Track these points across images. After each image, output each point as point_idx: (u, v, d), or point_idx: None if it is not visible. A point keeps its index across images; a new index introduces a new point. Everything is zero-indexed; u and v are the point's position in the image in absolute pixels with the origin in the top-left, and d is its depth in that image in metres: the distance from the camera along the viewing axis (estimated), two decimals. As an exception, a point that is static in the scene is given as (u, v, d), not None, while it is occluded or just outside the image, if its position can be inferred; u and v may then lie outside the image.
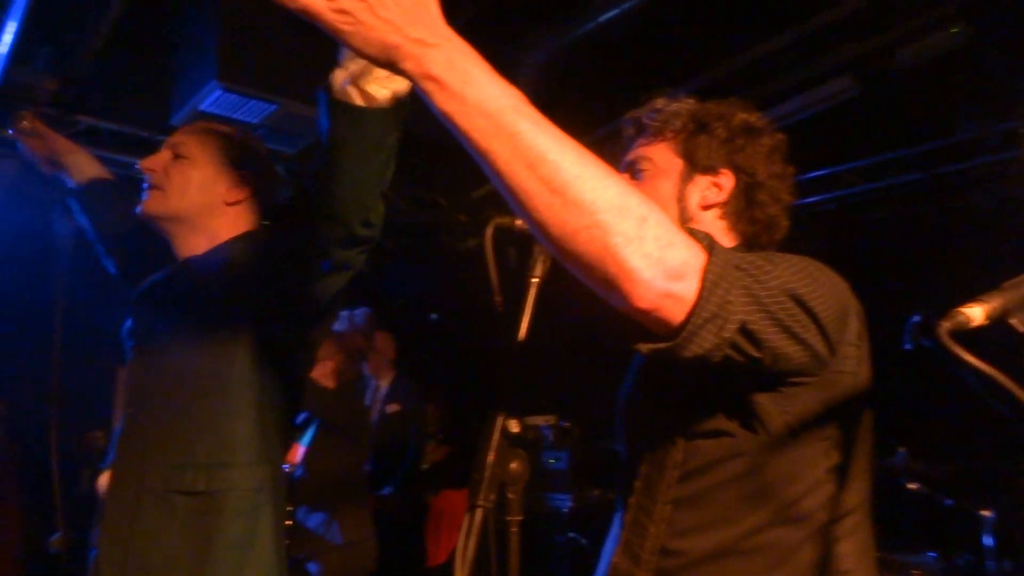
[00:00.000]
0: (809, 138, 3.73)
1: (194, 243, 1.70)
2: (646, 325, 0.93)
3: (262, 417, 1.57)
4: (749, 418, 1.10)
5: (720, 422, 1.13)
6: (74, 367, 2.08)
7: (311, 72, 1.68)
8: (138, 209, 1.70)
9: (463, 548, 1.05)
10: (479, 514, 1.06)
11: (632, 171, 1.37)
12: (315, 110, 1.34)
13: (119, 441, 1.61)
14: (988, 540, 2.42)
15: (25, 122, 2.09)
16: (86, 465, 3.48)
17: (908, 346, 0.90)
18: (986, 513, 2.40)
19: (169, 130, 2.00)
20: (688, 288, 0.91)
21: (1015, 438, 1.03)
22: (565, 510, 4.17)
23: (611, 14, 3.23)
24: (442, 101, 0.88)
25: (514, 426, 1.14)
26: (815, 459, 1.12)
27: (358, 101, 1.28)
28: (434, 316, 5.65)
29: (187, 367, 1.58)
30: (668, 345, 0.93)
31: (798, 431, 1.09)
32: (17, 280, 3.69)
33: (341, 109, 1.28)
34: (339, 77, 1.28)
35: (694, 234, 0.95)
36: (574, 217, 0.87)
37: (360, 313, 3.86)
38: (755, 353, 0.95)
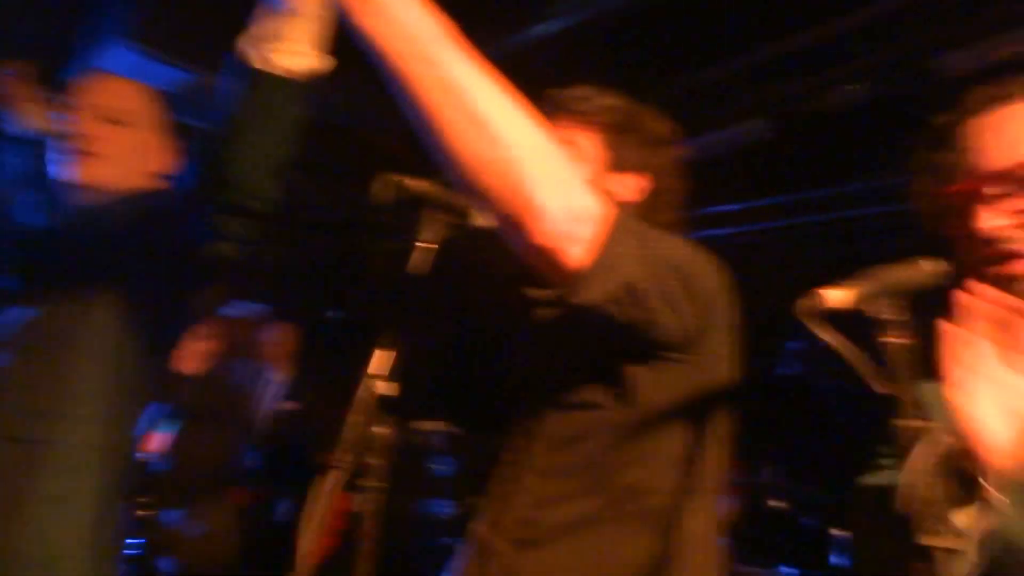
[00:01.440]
0: (726, 172, 3.88)
1: None
2: (538, 269, 0.94)
3: (112, 374, 1.49)
4: (621, 390, 1.12)
5: (593, 393, 1.14)
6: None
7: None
8: (63, 174, 1.61)
9: (310, 513, 1.01)
10: (332, 476, 1.03)
11: None
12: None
13: None
14: (836, 559, 2.55)
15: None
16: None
17: (785, 370, 0.94)
18: (838, 533, 2.53)
19: (61, 86, 1.90)
20: (588, 232, 0.93)
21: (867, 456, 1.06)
22: (445, 517, 4.12)
23: (550, 27, 3.28)
24: (364, 16, 0.88)
25: (384, 388, 1.11)
26: (673, 436, 1.15)
27: (260, 66, 1.28)
28: (335, 313, 5.53)
29: (48, 312, 1.49)
30: (560, 290, 0.95)
31: (666, 408, 1.12)
32: None
33: (243, 70, 1.29)
34: (247, 41, 1.29)
35: (604, 192, 0.98)
36: (488, 150, 0.88)
37: (251, 307, 3.74)
38: (636, 314, 0.98)
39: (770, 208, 4.04)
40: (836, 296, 0.86)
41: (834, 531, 2.57)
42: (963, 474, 0.75)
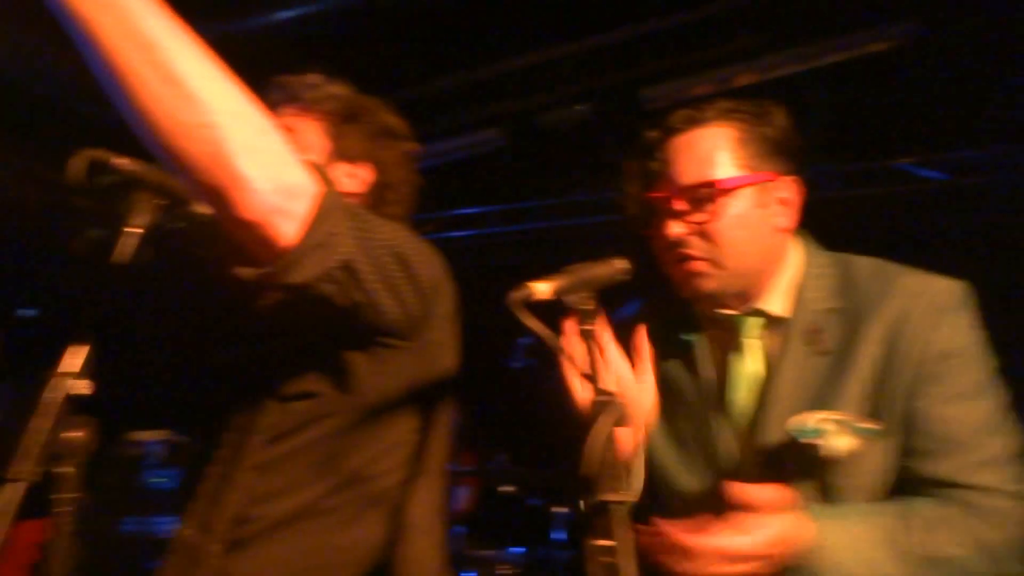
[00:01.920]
0: (460, 178, 4.04)
1: None
2: (249, 248, 0.90)
3: None
4: (342, 379, 1.11)
5: (312, 383, 1.12)
6: None
7: None
8: None
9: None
10: (13, 489, 0.90)
11: None
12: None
13: None
14: (559, 535, 2.81)
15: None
16: None
17: (518, 364, 1.00)
18: (560, 510, 2.78)
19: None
20: (299, 208, 0.90)
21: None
22: (164, 536, 3.78)
23: (285, 15, 3.17)
24: None
25: (76, 387, 0.99)
26: (396, 423, 1.17)
27: None
28: (28, 311, 4.82)
29: None
30: (271, 268, 0.91)
31: (388, 395, 1.13)
32: None
33: None
34: None
35: (319, 172, 0.96)
36: (187, 113, 0.82)
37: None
38: (355, 295, 0.98)
39: (502, 213, 4.31)
40: (542, 288, 0.94)
41: (555, 508, 2.82)
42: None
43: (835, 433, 1.14)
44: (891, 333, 1.15)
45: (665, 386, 1.34)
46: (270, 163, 0.87)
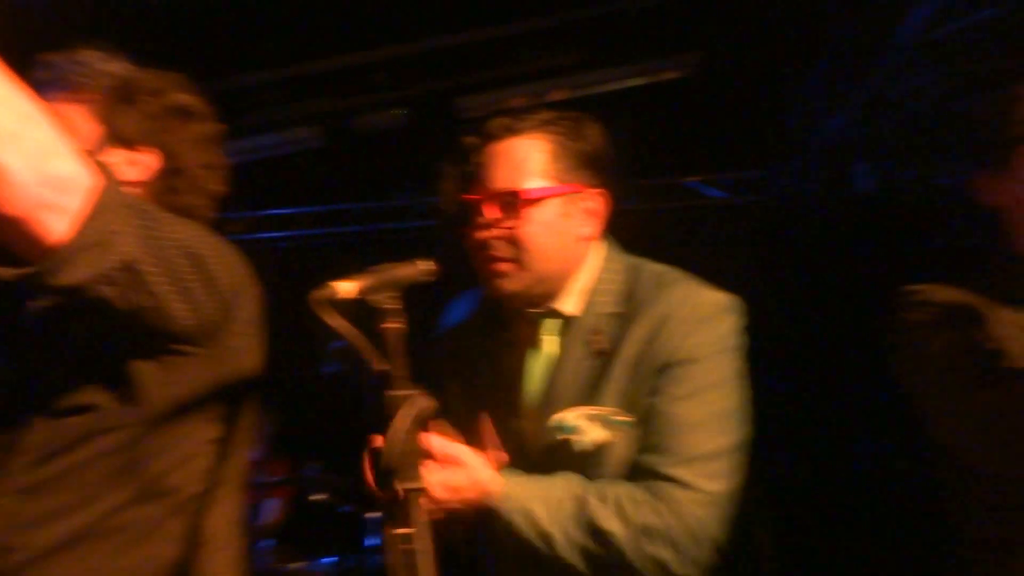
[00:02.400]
0: (276, 177, 3.90)
1: None
2: (15, 244, 0.81)
3: None
4: (125, 390, 1.02)
5: (89, 395, 1.03)
6: None
7: None
8: None
9: None
10: None
11: None
12: None
13: None
14: (372, 541, 2.80)
15: None
16: None
17: (329, 369, 0.99)
18: (373, 515, 2.77)
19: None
20: (71, 203, 0.83)
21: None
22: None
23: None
24: None
25: None
26: (193, 432, 1.11)
27: None
28: None
29: None
30: (37, 268, 0.82)
31: (181, 404, 1.07)
32: None
33: None
34: None
35: (99, 165, 0.88)
36: None
37: None
38: (139, 298, 0.91)
39: (316, 215, 4.21)
40: (345, 288, 0.96)
41: (368, 515, 2.80)
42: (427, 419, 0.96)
43: (590, 428, 1.25)
44: (650, 335, 1.26)
45: (475, 380, 1.41)
46: (34, 152, 0.80)
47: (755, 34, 3.40)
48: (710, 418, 1.24)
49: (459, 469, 1.18)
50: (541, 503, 1.19)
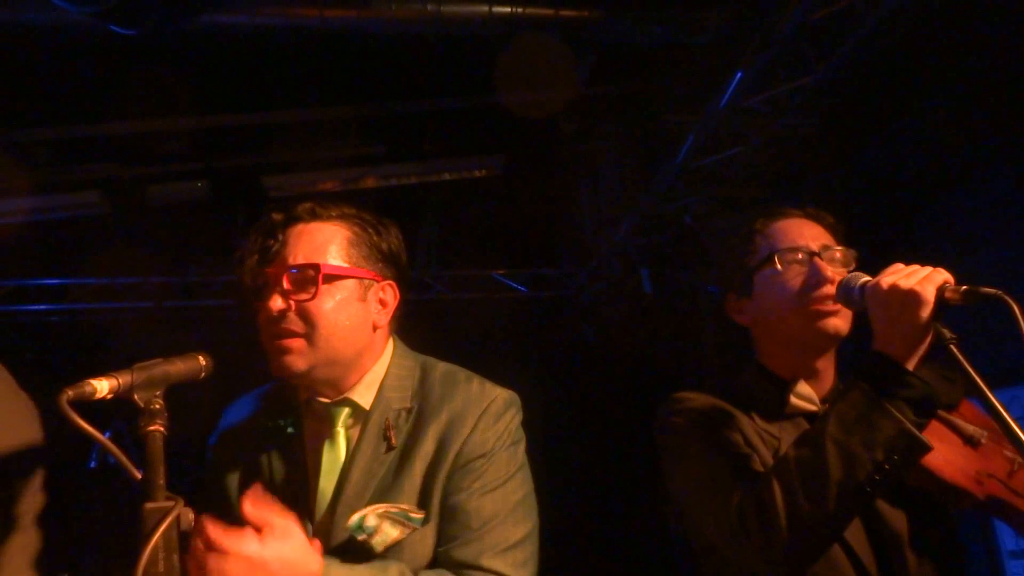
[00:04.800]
0: (50, 244, 3.55)
1: None
2: None
3: None
4: None
5: None
6: None
7: None
8: None
9: None
10: None
11: None
12: None
13: None
14: None
15: None
16: None
17: (92, 464, 0.90)
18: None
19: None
20: None
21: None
22: None
23: None
24: None
25: None
26: None
27: None
28: None
29: None
30: None
31: None
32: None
33: None
34: None
35: None
36: None
37: None
38: None
39: (96, 287, 3.84)
40: (101, 387, 0.89)
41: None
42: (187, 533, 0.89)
43: (385, 526, 1.26)
44: (444, 432, 1.31)
45: (259, 481, 1.33)
46: None
47: (552, 143, 3.70)
48: (513, 508, 1.31)
49: (289, 542, 1.08)
50: None
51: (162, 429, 0.93)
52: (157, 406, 0.92)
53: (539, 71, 3.35)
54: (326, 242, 1.35)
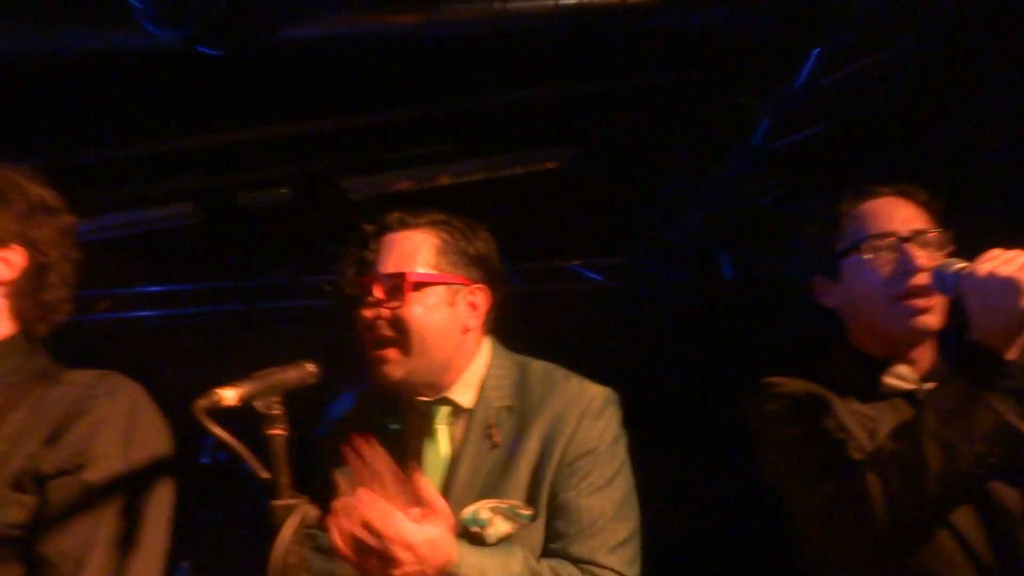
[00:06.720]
0: (148, 252, 3.77)
1: None
2: None
3: None
4: None
5: None
6: None
7: None
8: None
9: None
10: None
11: None
12: None
13: None
14: None
15: None
16: None
17: (204, 460, 0.99)
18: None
19: None
20: None
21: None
22: None
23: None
24: None
25: None
26: None
27: None
28: None
29: None
30: None
31: None
32: None
33: None
34: None
35: None
36: None
37: None
38: None
39: (192, 293, 4.07)
40: (228, 396, 0.97)
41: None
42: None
43: (497, 520, 1.31)
44: (547, 431, 1.36)
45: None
46: None
47: (624, 131, 3.69)
48: (619, 506, 1.37)
49: (439, 523, 1.17)
50: (493, 569, 1.23)
51: (283, 432, 1.01)
52: (277, 411, 1.00)
53: (606, 60, 3.35)
54: (414, 250, 1.41)
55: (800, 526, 1.33)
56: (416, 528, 1.14)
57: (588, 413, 1.39)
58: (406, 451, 1.42)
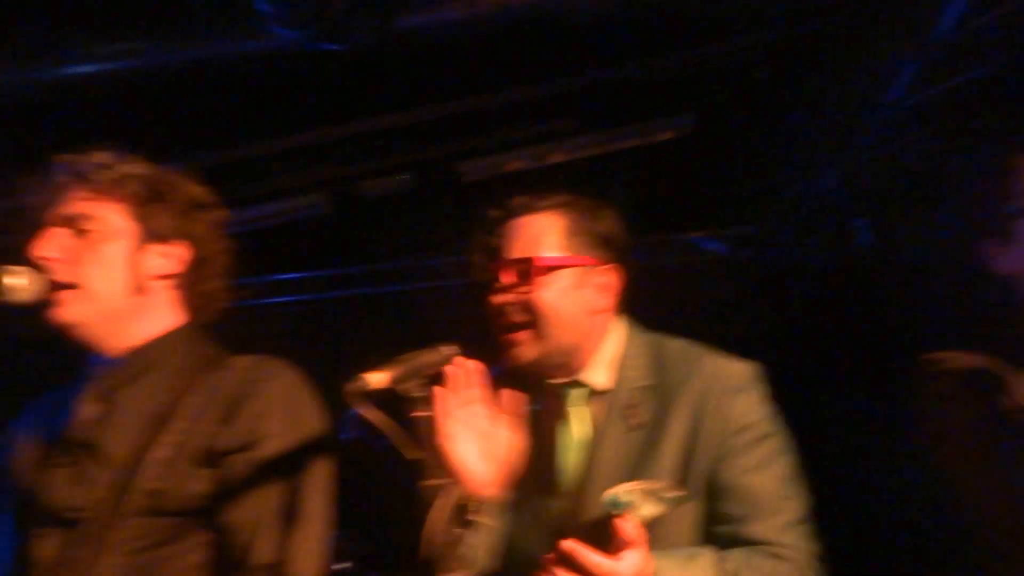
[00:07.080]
0: (281, 242, 3.98)
1: None
2: None
3: None
4: None
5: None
6: None
7: None
8: None
9: None
10: None
11: (72, 227, 1.28)
12: None
13: None
14: None
15: None
16: None
17: (347, 436, 1.03)
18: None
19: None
20: None
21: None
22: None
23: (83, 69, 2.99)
24: None
25: None
26: None
27: None
28: None
29: None
30: None
31: None
32: None
33: None
34: None
35: None
36: None
37: None
38: None
39: (328, 279, 4.28)
40: (376, 379, 1.00)
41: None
42: (464, 508, 0.98)
43: (643, 502, 1.29)
44: (695, 410, 1.32)
45: None
46: None
47: (745, 95, 3.52)
48: (786, 484, 1.33)
49: (640, 551, 1.17)
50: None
51: (425, 413, 1.03)
52: (423, 393, 1.02)
53: (723, 20, 3.20)
54: (540, 234, 1.41)
55: (977, 518, 1.22)
56: (620, 564, 1.13)
57: (733, 389, 1.34)
58: (541, 432, 1.42)
